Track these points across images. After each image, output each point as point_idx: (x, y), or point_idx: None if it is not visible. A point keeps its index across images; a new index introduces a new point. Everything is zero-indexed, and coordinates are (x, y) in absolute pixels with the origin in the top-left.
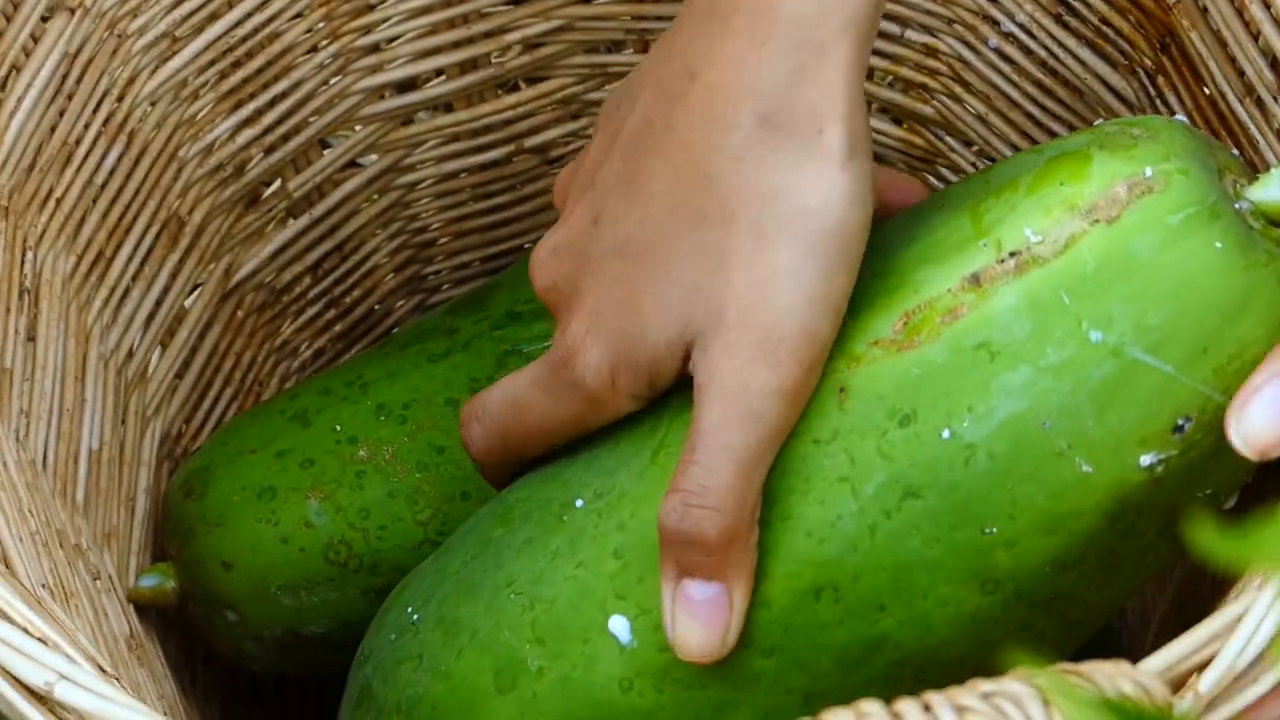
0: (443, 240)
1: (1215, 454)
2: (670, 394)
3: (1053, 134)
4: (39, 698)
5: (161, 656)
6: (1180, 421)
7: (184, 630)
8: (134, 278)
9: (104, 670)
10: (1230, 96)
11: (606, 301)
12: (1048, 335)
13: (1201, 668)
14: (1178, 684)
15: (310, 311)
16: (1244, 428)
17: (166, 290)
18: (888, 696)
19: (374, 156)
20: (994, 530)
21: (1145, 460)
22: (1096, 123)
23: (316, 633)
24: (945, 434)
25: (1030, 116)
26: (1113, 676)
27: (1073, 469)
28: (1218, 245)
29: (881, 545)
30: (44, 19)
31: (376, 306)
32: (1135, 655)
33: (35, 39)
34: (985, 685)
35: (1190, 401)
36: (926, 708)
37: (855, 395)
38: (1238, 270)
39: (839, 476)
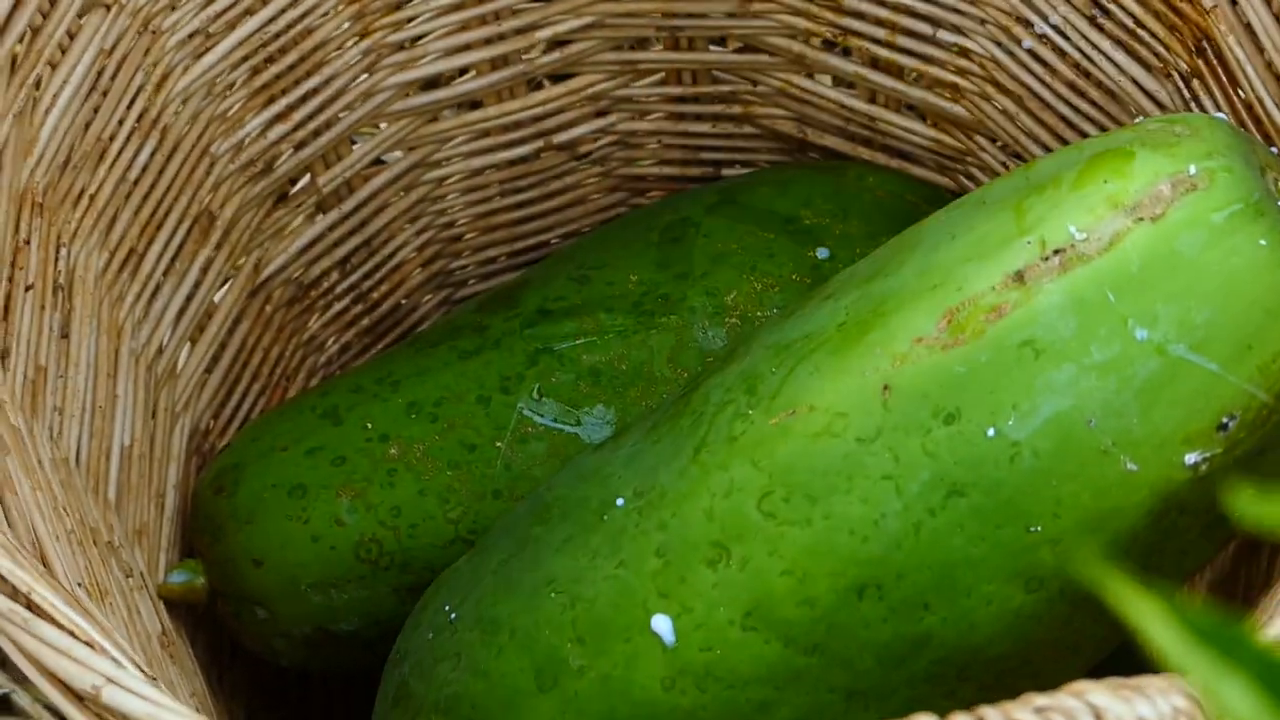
0: (470, 235)
1: (1259, 453)
2: (710, 390)
3: (1086, 136)
4: (83, 701)
5: (191, 654)
6: (1225, 420)
7: (211, 627)
8: (165, 273)
9: (145, 672)
10: (1267, 100)
11: None
12: (1092, 333)
13: None
14: None
15: (337, 307)
16: None
17: (197, 286)
18: (930, 694)
19: (400, 153)
20: (1038, 528)
21: (1190, 459)
22: (1138, 120)
23: (346, 630)
24: (990, 432)
25: (1063, 118)
26: (1166, 692)
27: (1117, 467)
28: (1262, 243)
29: (925, 543)
30: (79, 16)
31: (403, 301)
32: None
33: (71, 35)
34: (1039, 699)
35: (1235, 399)
36: None
37: (899, 393)
38: None
39: (883, 475)
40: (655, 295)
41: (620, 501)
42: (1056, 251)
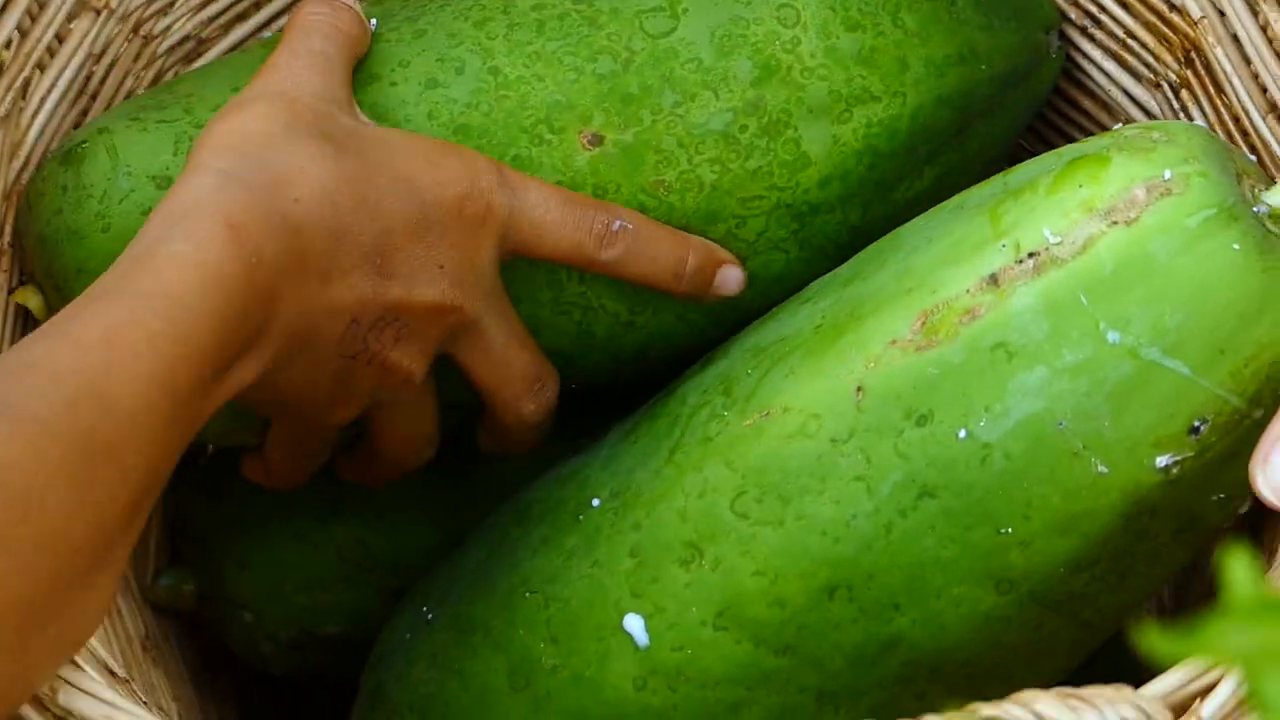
0: None
1: (1231, 457)
2: (688, 393)
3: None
4: (41, 704)
5: (180, 659)
6: (1196, 423)
7: (203, 635)
8: None
9: (114, 674)
10: (1253, 112)
11: None
12: (1065, 336)
13: (1204, 693)
14: (1180, 709)
15: None
16: (1270, 478)
17: None
18: (900, 696)
19: None
20: (1009, 530)
21: (1161, 461)
22: (1116, 127)
23: (332, 633)
24: (962, 434)
25: (1053, 126)
26: (1114, 701)
27: (1088, 470)
28: (1235, 247)
29: (897, 545)
30: (68, 20)
31: None
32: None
33: (60, 39)
34: (984, 709)
35: (1206, 403)
36: None
37: (872, 395)
38: (1255, 272)
39: (855, 476)
40: None
41: (596, 502)
42: (1030, 255)
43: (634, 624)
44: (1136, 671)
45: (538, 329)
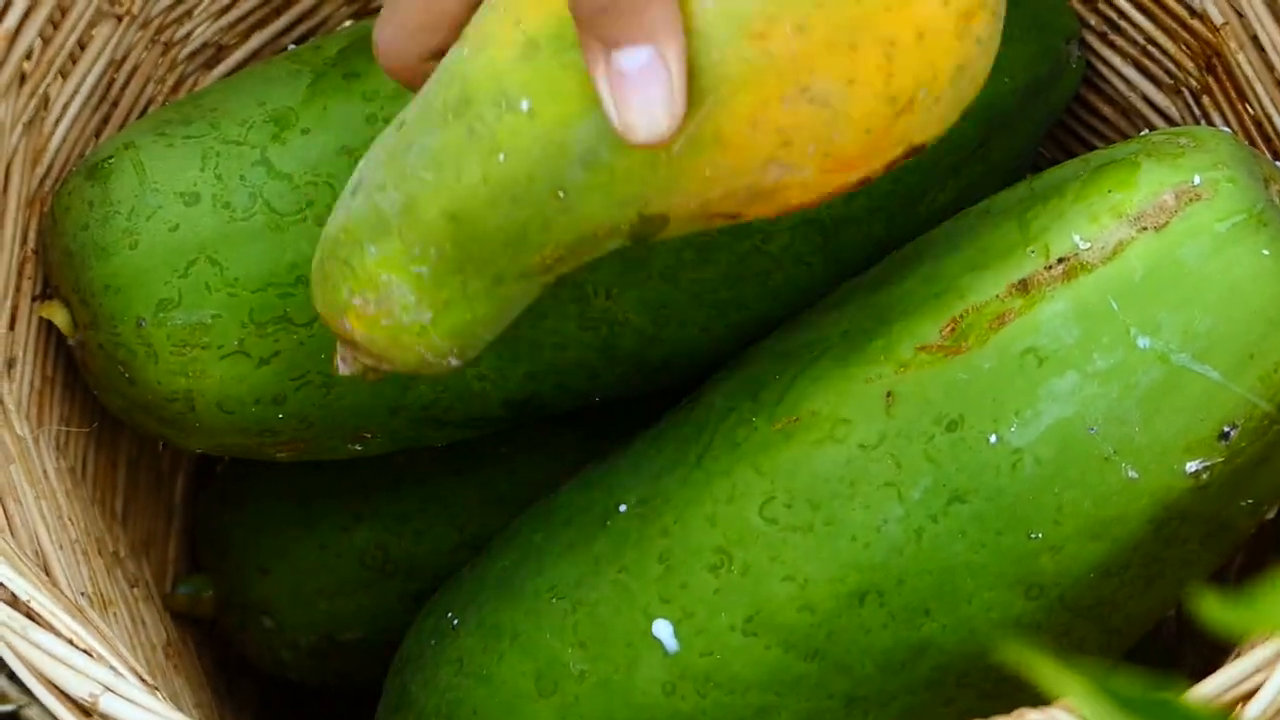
0: None
1: (1260, 462)
2: (715, 397)
3: (1095, 150)
4: (83, 710)
5: (199, 666)
6: (1226, 429)
7: (219, 640)
8: None
9: (146, 681)
10: (1276, 117)
11: None
12: (1095, 341)
13: (1247, 698)
14: (1223, 714)
15: None
16: None
17: None
18: (929, 701)
19: None
20: (1039, 536)
21: (1191, 467)
22: (1143, 133)
23: (352, 639)
24: (992, 439)
25: (1072, 132)
26: None
27: (1119, 475)
28: (1265, 253)
29: (927, 550)
30: (90, 27)
31: None
32: (1159, 655)
33: (82, 46)
34: (1031, 714)
35: (1236, 409)
36: None
37: (902, 400)
38: None
39: (885, 481)
40: None
41: (623, 508)
42: (1060, 260)
43: (663, 629)
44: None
45: (565, 343)
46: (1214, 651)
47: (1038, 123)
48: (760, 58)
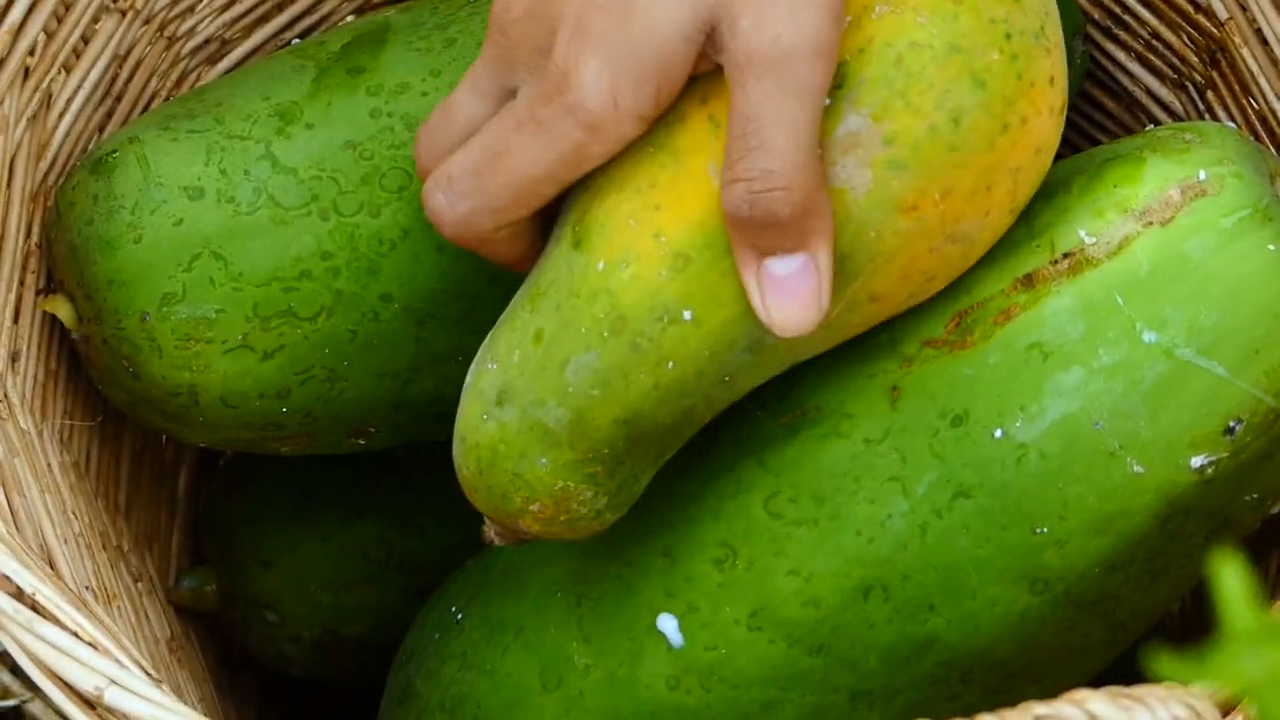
0: None
1: (1265, 457)
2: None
3: (1099, 145)
4: (88, 703)
5: (201, 660)
6: (1231, 424)
7: (221, 635)
8: None
9: (150, 675)
10: None
11: (592, 8)
12: (1101, 336)
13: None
14: (1228, 707)
15: None
16: None
17: None
18: (933, 696)
19: None
20: (1044, 530)
21: (1196, 462)
22: (1148, 128)
23: (355, 634)
24: (997, 434)
25: (1076, 127)
26: (1166, 700)
27: (1124, 470)
28: (1270, 248)
29: (931, 544)
30: (94, 21)
31: None
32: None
33: (85, 40)
34: (1038, 708)
35: (1241, 404)
36: None
37: (907, 395)
38: None
39: (890, 476)
40: None
41: None
42: (1066, 255)
43: (667, 624)
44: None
45: None
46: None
47: None
48: (912, 226)
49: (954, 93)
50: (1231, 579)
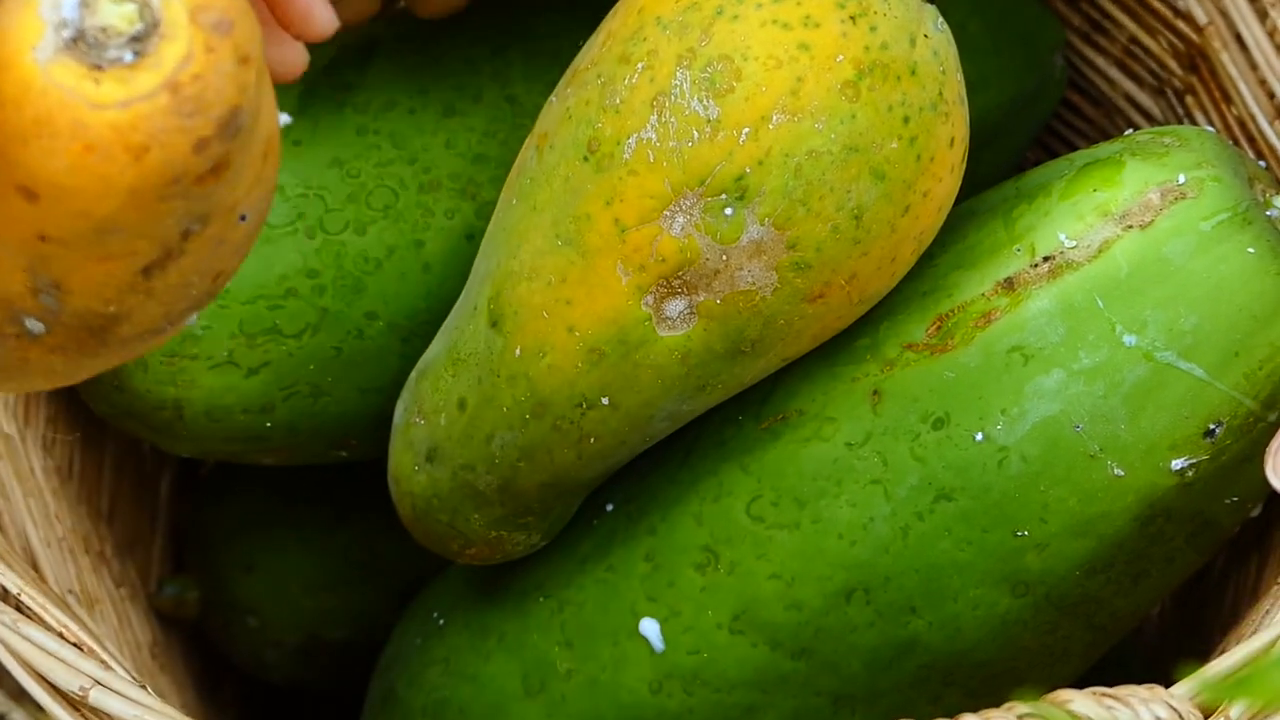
0: None
1: (1245, 460)
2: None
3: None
4: (73, 704)
5: (184, 667)
6: (1212, 426)
7: (203, 644)
8: None
9: (134, 677)
10: (1259, 117)
11: None
12: (1081, 339)
13: None
14: (1209, 709)
15: None
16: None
17: None
18: (916, 699)
19: None
20: (1025, 533)
21: (1176, 464)
22: (1127, 132)
23: (337, 639)
24: (978, 436)
25: (1056, 133)
26: (1148, 701)
27: (1104, 472)
28: (1250, 250)
29: (913, 547)
30: None
31: None
32: (1141, 654)
33: None
34: (1021, 707)
35: (1222, 406)
36: None
37: (889, 398)
38: (1270, 275)
39: (871, 479)
40: None
41: (610, 507)
42: (1046, 259)
43: (650, 628)
44: (1140, 674)
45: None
46: (1197, 650)
47: (1023, 135)
48: (820, 309)
49: (855, 191)
50: None
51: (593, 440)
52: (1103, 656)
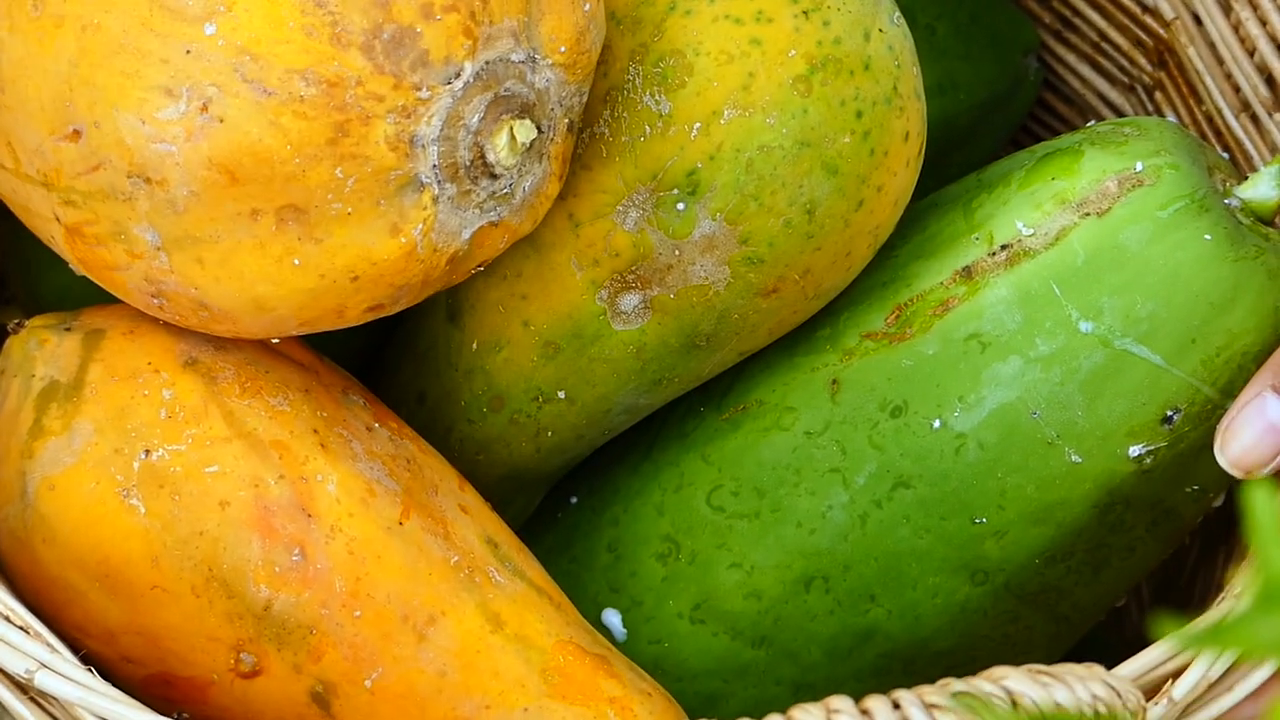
0: None
1: (1204, 448)
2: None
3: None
4: (19, 686)
5: None
6: (1169, 413)
7: None
8: None
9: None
10: (1226, 112)
11: None
12: (1038, 326)
13: (1177, 674)
14: (1152, 690)
15: None
16: (1228, 448)
17: None
18: (876, 689)
19: None
20: (984, 520)
21: (1134, 451)
22: (1090, 123)
23: None
24: (936, 424)
25: (1027, 130)
26: (1085, 679)
27: (1062, 459)
28: (1207, 237)
29: (872, 535)
30: None
31: None
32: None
33: None
34: (956, 684)
35: (1179, 392)
36: (895, 705)
37: (847, 387)
38: (1226, 262)
39: (830, 467)
40: None
41: (574, 499)
42: (1004, 247)
43: (612, 618)
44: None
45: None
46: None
47: (995, 136)
48: (774, 303)
49: (807, 186)
50: (1269, 544)
51: (550, 434)
52: (1080, 652)
